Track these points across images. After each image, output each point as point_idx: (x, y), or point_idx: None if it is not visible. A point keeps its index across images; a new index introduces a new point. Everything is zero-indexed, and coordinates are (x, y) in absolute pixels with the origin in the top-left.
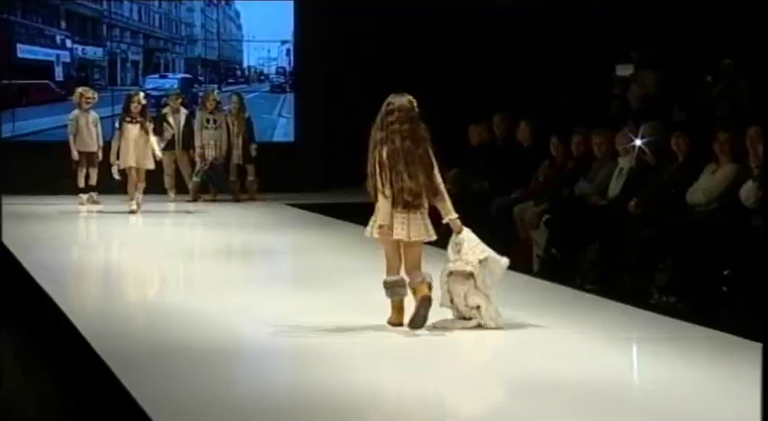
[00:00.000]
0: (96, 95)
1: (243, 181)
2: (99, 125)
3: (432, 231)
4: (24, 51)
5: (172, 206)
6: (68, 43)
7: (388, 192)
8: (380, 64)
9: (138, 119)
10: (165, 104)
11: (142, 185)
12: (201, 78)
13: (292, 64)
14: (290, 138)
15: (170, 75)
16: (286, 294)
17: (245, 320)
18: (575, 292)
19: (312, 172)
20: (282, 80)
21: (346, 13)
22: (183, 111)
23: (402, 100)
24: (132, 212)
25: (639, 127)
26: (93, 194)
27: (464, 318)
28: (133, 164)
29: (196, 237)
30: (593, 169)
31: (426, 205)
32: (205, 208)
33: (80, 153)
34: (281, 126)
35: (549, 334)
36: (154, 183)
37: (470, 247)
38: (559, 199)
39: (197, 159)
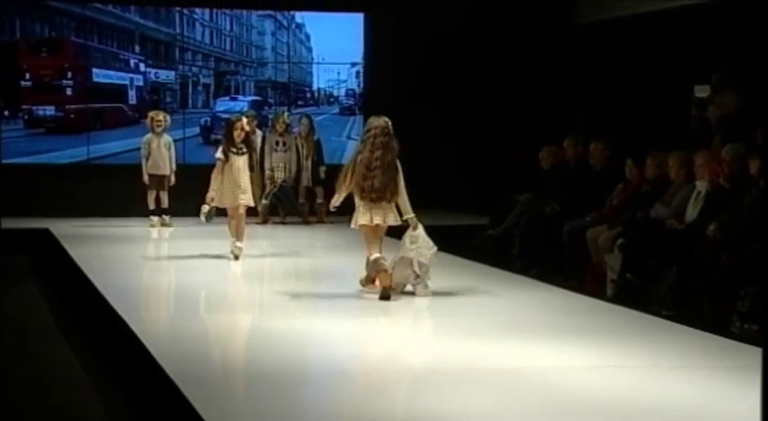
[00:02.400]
0: (168, 118)
1: (312, 203)
2: (172, 148)
3: (399, 219)
4: (99, 75)
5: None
6: (142, 67)
7: (356, 189)
8: (450, 86)
9: (244, 149)
10: None
11: (244, 228)
12: (271, 100)
13: (362, 86)
14: None
15: (240, 97)
16: (356, 318)
17: (316, 344)
18: (651, 319)
19: None
20: (352, 102)
21: (416, 35)
22: (258, 133)
23: (379, 121)
24: (236, 258)
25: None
26: (166, 217)
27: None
28: (235, 203)
29: (265, 260)
30: (669, 192)
31: (391, 200)
32: (274, 230)
33: (151, 176)
34: (350, 148)
35: (623, 361)
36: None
37: (424, 242)
38: (634, 222)
39: (266, 181)
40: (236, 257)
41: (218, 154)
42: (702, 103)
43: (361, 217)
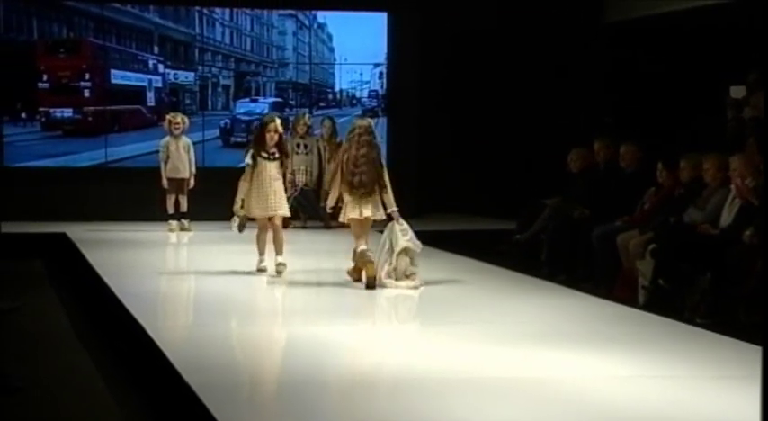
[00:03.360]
0: (186, 120)
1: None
2: (191, 151)
3: (383, 212)
4: (118, 77)
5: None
6: (160, 68)
7: (344, 185)
8: (476, 87)
9: (276, 154)
10: None
11: (283, 240)
12: (292, 102)
13: (385, 87)
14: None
15: (261, 99)
16: (379, 325)
17: (337, 351)
18: (684, 327)
19: (405, 198)
20: (375, 104)
21: (441, 34)
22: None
23: (363, 122)
24: (261, 271)
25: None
26: (185, 221)
27: (398, 280)
28: (266, 213)
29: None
30: (703, 196)
31: (378, 194)
32: (295, 235)
33: (170, 179)
34: None
35: (655, 371)
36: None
37: (412, 233)
38: (667, 227)
39: (287, 185)
40: (279, 273)
41: (247, 158)
42: (738, 105)
43: (350, 211)
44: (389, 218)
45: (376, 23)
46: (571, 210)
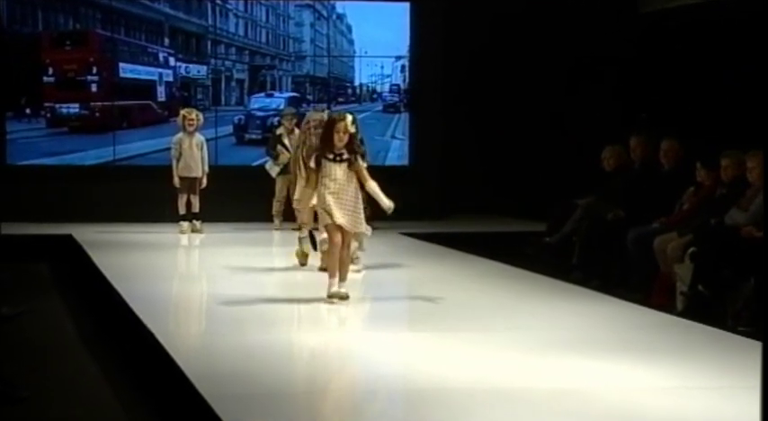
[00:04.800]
0: (201, 116)
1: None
2: (204, 148)
3: None
4: (127, 70)
5: (277, 235)
6: (171, 61)
7: (304, 175)
8: (503, 81)
9: (345, 155)
10: (279, 124)
11: (349, 262)
12: (310, 97)
13: (407, 81)
14: (405, 162)
15: (276, 93)
16: (401, 332)
17: (356, 360)
18: (725, 335)
19: (428, 198)
20: (396, 99)
21: (466, 26)
22: (297, 132)
23: (318, 114)
24: (337, 297)
25: None
26: (197, 222)
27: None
28: (349, 227)
29: (302, 268)
30: (746, 196)
31: None
32: None
33: (182, 178)
34: (394, 148)
35: (695, 382)
36: (259, 210)
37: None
38: (707, 229)
39: None
40: (347, 296)
41: (312, 162)
42: None
43: (307, 200)
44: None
45: (398, 14)
46: (605, 210)
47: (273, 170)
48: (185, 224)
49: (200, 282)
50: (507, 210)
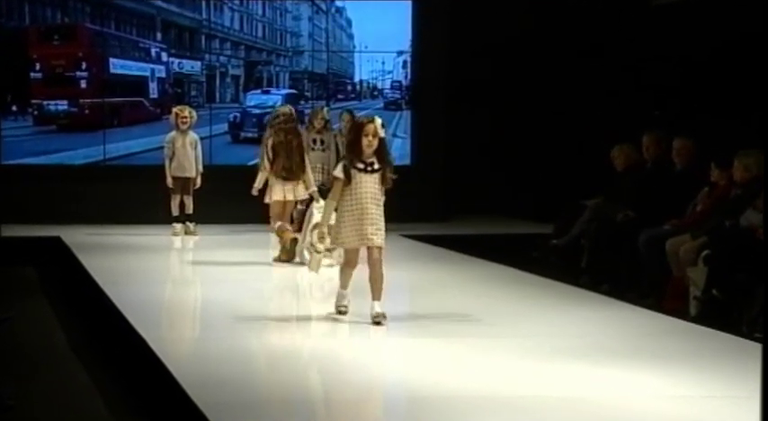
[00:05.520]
0: (195, 114)
1: None
2: (198, 147)
3: (303, 194)
4: (117, 66)
5: (273, 237)
6: (164, 57)
7: (268, 167)
8: (508, 78)
9: (376, 165)
10: None
11: (382, 278)
12: (308, 94)
13: (409, 77)
14: (407, 161)
15: (273, 90)
16: (402, 338)
17: (355, 367)
18: (741, 342)
19: (431, 199)
20: (398, 96)
21: (470, 19)
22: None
23: (285, 108)
24: (341, 312)
25: None
26: (191, 224)
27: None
28: (359, 243)
29: (299, 272)
30: (763, 197)
31: (300, 177)
32: None
33: (176, 179)
34: (396, 147)
35: (709, 391)
36: (255, 211)
37: None
38: (722, 231)
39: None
40: (378, 324)
41: (337, 171)
42: None
43: (276, 194)
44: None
45: (399, 8)
46: (614, 211)
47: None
48: (178, 226)
49: (193, 287)
50: (513, 211)
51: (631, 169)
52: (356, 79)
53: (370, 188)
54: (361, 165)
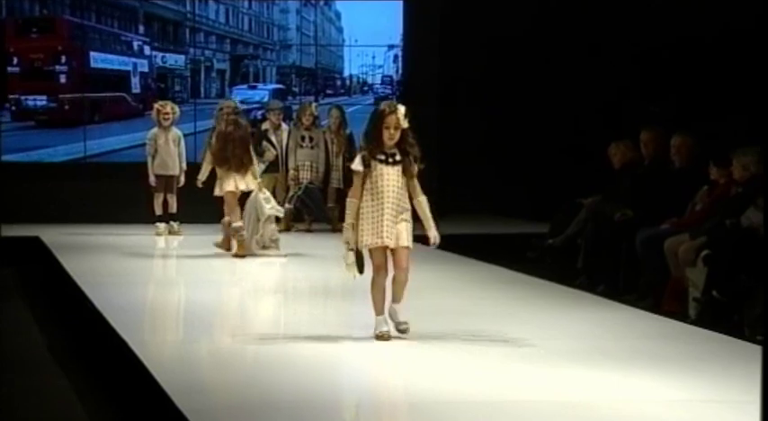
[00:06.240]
0: (177, 109)
1: (342, 208)
2: (182, 144)
3: (254, 184)
4: (98, 60)
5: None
6: (147, 50)
7: (210, 158)
8: (503, 73)
9: (398, 157)
10: (264, 119)
11: (404, 282)
12: (296, 89)
13: (400, 72)
14: None
15: (260, 85)
16: (394, 341)
17: (345, 371)
18: (741, 345)
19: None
20: (389, 91)
21: (464, 12)
22: (285, 127)
23: (229, 102)
24: (381, 338)
25: None
26: (174, 224)
27: (264, 248)
28: (379, 242)
29: (288, 274)
30: (765, 196)
31: (246, 168)
32: (299, 239)
33: (158, 177)
34: None
35: (709, 395)
36: (241, 210)
37: (274, 201)
38: (722, 231)
39: (290, 183)
40: (403, 332)
41: (356, 164)
42: None
43: (227, 184)
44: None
45: (390, 1)
46: (612, 210)
47: (258, 168)
48: (162, 225)
49: (177, 288)
50: (507, 210)
51: (629, 167)
52: (345, 74)
53: (392, 181)
54: (381, 156)
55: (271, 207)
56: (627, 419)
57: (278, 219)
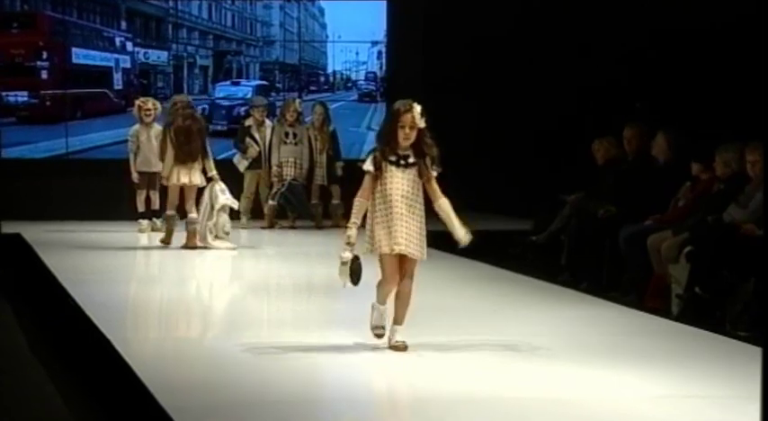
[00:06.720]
0: (159, 106)
1: (326, 205)
2: None
3: (200, 180)
4: (80, 56)
5: (244, 233)
6: (129, 46)
7: (171, 153)
8: (489, 69)
9: (412, 158)
10: (248, 115)
11: (408, 296)
12: (279, 85)
13: (384, 69)
14: None
15: (243, 81)
16: (374, 339)
17: (332, 368)
18: (724, 341)
19: None
20: (373, 87)
21: (447, 9)
22: (269, 124)
23: (182, 96)
24: (378, 335)
25: None
26: (157, 221)
27: (217, 238)
28: (391, 248)
29: (271, 271)
30: (746, 192)
31: (201, 161)
32: (282, 236)
33: (141, 173)
34: (370, 141)
35: (691, 390)
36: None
37: (229, 193)
38: (704, 227)
39: (273, 179)
40: (397, 349)
41: (367, 164)
42: None
43: (171, 178)
44: (209, 181)
45: None
46: (595, 207)
47: (241, 164)
48: (145, 222)
49: (160, 286)
50: (490, 207)
51: (612, 164)
52: (329, 70)
53: (401, 185)
54: (393, 158)
55: (226, 197)
56: (610, 415)
57: (233, 211)
